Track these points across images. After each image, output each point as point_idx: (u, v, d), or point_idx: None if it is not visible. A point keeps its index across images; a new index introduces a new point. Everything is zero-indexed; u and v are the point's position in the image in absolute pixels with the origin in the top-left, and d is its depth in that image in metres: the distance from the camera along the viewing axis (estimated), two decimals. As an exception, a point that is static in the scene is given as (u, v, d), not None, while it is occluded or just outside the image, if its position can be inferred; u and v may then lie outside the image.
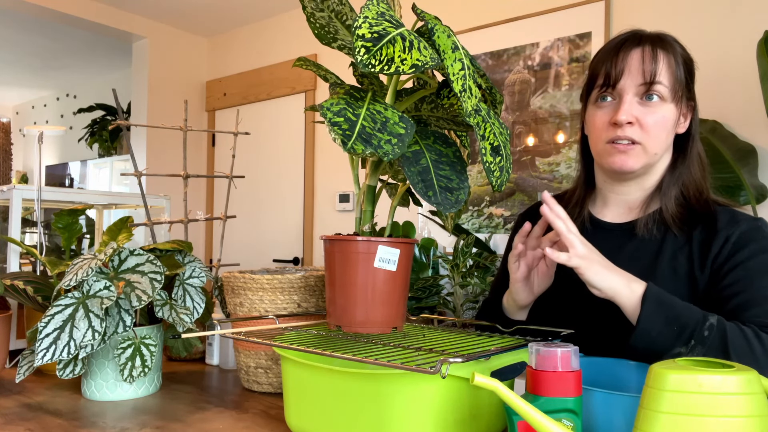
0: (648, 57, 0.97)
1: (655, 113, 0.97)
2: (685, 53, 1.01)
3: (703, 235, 0.99)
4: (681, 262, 0.99)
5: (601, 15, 2.61)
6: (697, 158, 1.04)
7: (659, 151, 1.00)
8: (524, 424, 0.64)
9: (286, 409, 0.89)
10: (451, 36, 0.83)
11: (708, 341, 0.85)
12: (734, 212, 1.00)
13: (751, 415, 0.53)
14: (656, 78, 0.96)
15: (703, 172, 1.04)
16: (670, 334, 0.86)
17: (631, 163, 0.99)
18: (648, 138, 0.98)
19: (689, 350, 0.85)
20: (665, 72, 0.97)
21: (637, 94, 0.98)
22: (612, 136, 0.99)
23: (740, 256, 0.94)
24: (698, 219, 1.00)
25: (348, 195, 3.57)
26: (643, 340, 0.87)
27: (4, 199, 1.51)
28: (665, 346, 0.86)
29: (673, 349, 0.86)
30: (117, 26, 3.92)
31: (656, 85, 0.96)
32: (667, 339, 0.86)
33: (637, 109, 0.97)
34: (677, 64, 0.99)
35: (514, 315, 1.07)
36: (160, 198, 1.76)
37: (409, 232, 2.07)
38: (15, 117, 7.10)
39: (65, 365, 1.06)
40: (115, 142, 5.51)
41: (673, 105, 0.99)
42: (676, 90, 0.98)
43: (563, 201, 1.14)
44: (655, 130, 0.97)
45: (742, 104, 2.27)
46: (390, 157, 0.77)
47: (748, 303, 0.90)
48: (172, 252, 1.27)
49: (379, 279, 0.86)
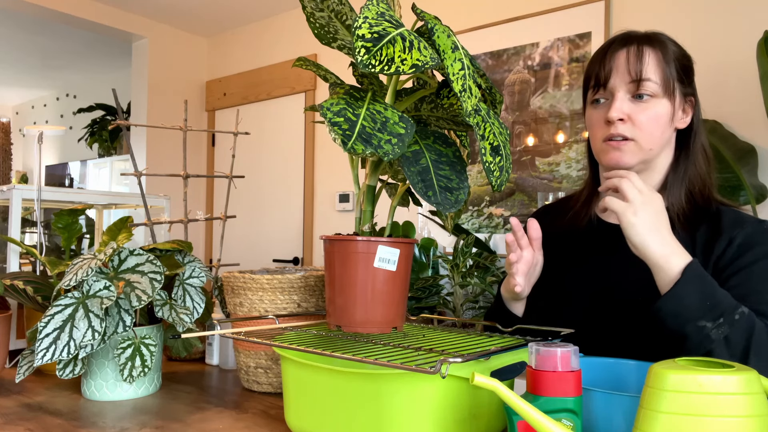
0: (633, 56, 0.99)
1: (646, 110, 0.99)
2: (678, 49, 1.02)
3: (707, 235, 0.99)
4: None
5: (601, 15, 2.61)
6: (702, 153, 1.04)
7: (654, 146, 1.00)
8: (524, 424, 0.64)
9: (286, 409, 0.89)
10: (451, 36, 0.83)
11: (736, 325, 0.83)
12: (739, 213, 1.00)
13: (751, 415, 0.53)
14: (643, 75, 0.98)
15: (708, 166, 1.04)
16: (701, 307, 0.84)
17: (626, 159, 1.00)
18: (641, 134, 0.99)
19: (715, 326, 0.83)
20: (653, 69, 0.98)
21: (628, 92, 0.99)
22: (607, 134, 1.01)
23: (745, 259, 0.94)
24: (702, 218, 1.00)
25: (348, 195, 3.57)
26: (672, 303, 0.85)
27: (4, 199, 1.51)
28: (692, 315, 0.84)
29: (699, 320, 0.84)
30: (117, 26, 3.92)
31: (645, 82, 0.98)
32: (697, 310, 0.84)
33: (629, 106, 0.99)
34: (667, 61, 0.99)
35: (512, 306, 1.08)
36: (160, 198, 1.76)
37: (409, 232, 2.07)
38: (15, 117, 7.10)
39: (65, 365, 1.06)
40: (115, 142, 5.51)
41: (666, 100, 0.99)
42: (667, 85, 0.99)
43: (571, 201, 1.16)
44: (648, 127, 0.99)
45: (742, 104, 2.27)
46: (390, 157, 0.77)
47: (753, 306, 0.90)
48: (172, 252, 1.27)
49: (378, 279, 0.86)
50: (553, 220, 1.17)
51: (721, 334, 0.83)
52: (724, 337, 0.83)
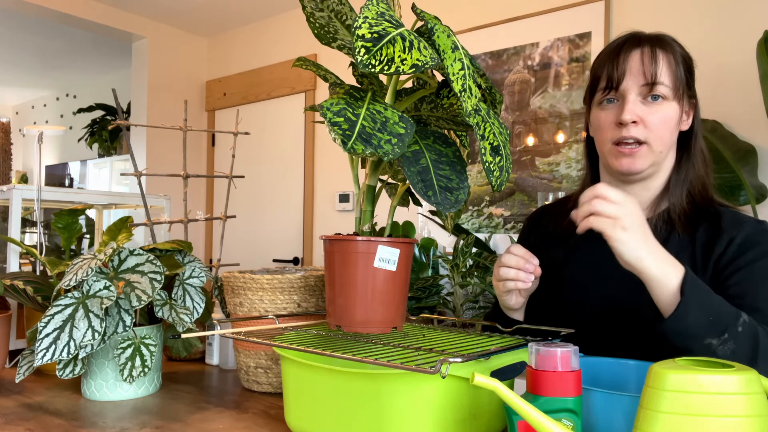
0: (648, 58, 0.98)
1: (658, 112, 0.98)
2: (684, 52, 1.02)
3: (707, 235, 0.99)
4: (683, 262, 0.99)
5: (601, 15, 2.61)
6: (701, 155, 1.04)
7: (664, 149, 1.00)
8: (524, 424, 0.64)
9: (286, 409, 0.89)
10: (451, 36, 0.83)
11: (740, 338, 0.82)
12: (738, 214, 1.00)
13: (751, 415, 0.53)
14: (657, 78, 0.97)
15: (706, 168, 1.04)
16: (705, 323, 0.82)
17: (638, 164, 0.99)
18: (653, 136, 0.98)
19: (721, 342, 0.82)
20: (666, 71, 0.98)
21: (640, 94, 0.98)
22: (618, 136, 0.99)
23: (745, 258, 0.94)
24: (702, 218, 1.00)
25: (348, 195, 3.57)
26: (676, 323, 0.82)
27: (4, 199, 1.51)
28: (697, 334, 0.82)
29: (704, 338, 0.82)
30: (117, 26, 3.92)
31: (658, 86, 0.97)
32: (701, 327, 0.82)
33: (641, 108, 0.98)
34: (677, 63, 0.99)
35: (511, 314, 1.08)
36: (160, 198, 1.76)
37: (409, 232, 2.07)
38: (15, 117, 7.10)
39: (65, 365, 1.06)
40: (114, 142, 5.51)
41: (676, 103, 0.99)
42: (677, 88, 0.99)
43: (569, 202, 1.14)
44: (660, 129, 0.98)
45: (742, 104, 2.27)
46: (390, 156, 0.77)
47: (752, 306, 0.90)
48: (172, 252, 1.27)
49: (378, 279, 0.86)
50: (551, 221, 1.17)
51: (728, 350, 0.82)
52: (731, 352, 0.82)
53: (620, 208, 0.83)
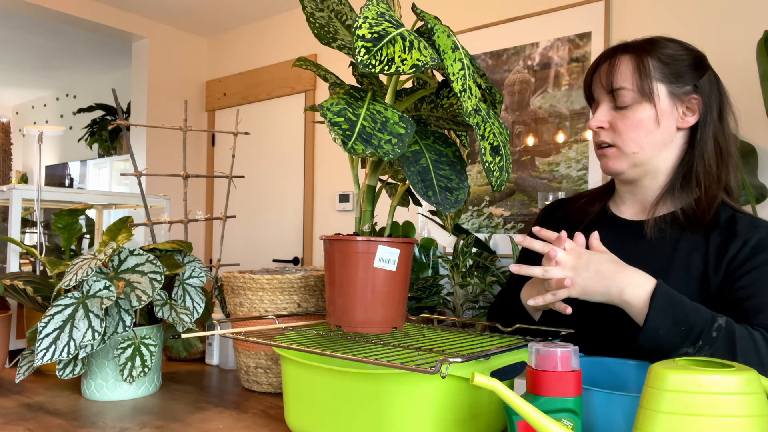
0: (606, 67, 1.04)
1: (627, 116, 1.02)
2: (673, 51, 1.02)
3: (721, 237, 0.99)
4: (696, 261, 0.99)
5: (601, 15, 2.61)
6: (712, 151, 1.02)
7: (638, 150, 1.02)
8: (524, 424, 0.64)
9: (286, 409, 0.89)
10: (451, 36, 0.83)
11: (716, 342, 0.85)
12: (755, 218, 1.01)
13: (751, 415, 0.53)
14: (615, 86, 1.02)
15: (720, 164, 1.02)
16: (677, 334, 0.86)
17: (612, 164, 1.05)
18: (621, 139, 1.02)
19: (696, 351, 0.85)
20: (627, 77, 1.01)
21: (610, 101, 1.04)
22: (595, 140, 1.07)
23: (757, 260, 0.94)
24: (717, 219, 1.00)
25: (348, 195, 3.57)
26: (650, 338, 0.87)
27: (4, 199, 1.51)
28: (673, 345, 0.86)
29: (680, 348, 0.86)
30: (117, 26, 3.92)
31: (620, 91, 1.02)
32: (675, 338, 0.86)
33: (612, 114, 1.04)
34: (645, 66, 1.00)
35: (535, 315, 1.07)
36: (160, 198, 1.76)
37: (409, 232, 2.07)
38: (15, 117, 7.10)
39: (65, 365, 1.06)
40: (114, 142, 5.51)
41: (648, 104, 1.00)
42: (643, 91, 1.00)
43: (583, 198, 1.19)
44: (629, 132, 1.02)
45: (742, 104, 2.25)
46: (390, 156, 0.77)
47: (760, 306, 0.90)
48: (171, 252, 1.27)
49: (378, 279, 0.86)
50: (567, 214, 1.18)
51: (705, 354, 0.85)
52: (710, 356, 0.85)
53: (562, 269, 0.92)
